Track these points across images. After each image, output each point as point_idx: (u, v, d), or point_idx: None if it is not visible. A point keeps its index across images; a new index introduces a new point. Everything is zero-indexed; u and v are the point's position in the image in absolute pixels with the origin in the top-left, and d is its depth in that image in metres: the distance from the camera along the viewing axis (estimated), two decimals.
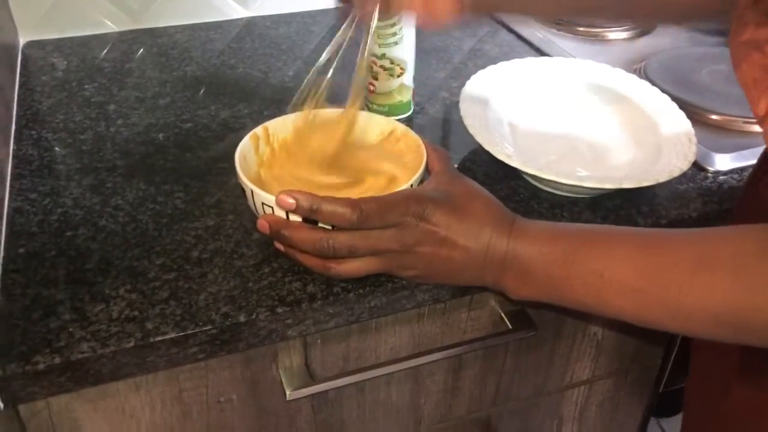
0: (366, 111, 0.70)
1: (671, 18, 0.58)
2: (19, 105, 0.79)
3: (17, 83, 0.83)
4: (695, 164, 0.70)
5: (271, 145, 0.62)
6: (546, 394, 0.77)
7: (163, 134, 0.74)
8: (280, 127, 0.63)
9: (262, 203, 0.53)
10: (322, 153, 0.64)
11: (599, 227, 0.51)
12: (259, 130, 0.61)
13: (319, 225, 0.51)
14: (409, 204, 0.50)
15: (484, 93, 0.73)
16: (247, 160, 0.58)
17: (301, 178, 0.62)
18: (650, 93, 0.74)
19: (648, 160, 0.67)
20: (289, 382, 0.59)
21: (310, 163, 0.64)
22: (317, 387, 0.59)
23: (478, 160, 0.70)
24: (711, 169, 0.71)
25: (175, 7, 0.98)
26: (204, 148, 0.72)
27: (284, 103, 0.80)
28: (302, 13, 1.03)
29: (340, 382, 0.60)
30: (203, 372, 0.57)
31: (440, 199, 0.52)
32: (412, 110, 0.78)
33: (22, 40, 0.93)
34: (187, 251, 0.58)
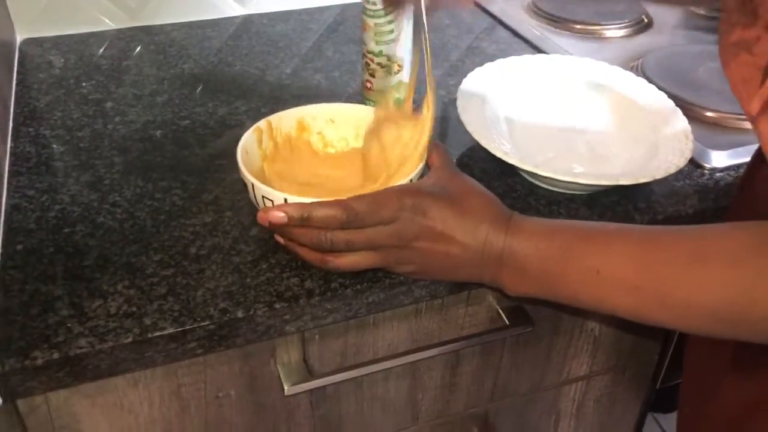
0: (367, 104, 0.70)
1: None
2: (17, 102, 0.79)
3: (14, 81, 0.83)
4: (692, 161, 0.70)
5: (274, 139, 0.62)
6: (543, 390, 0.78)
7: (160, 131, 0.74)
8: (285, 121, 0.63)
9: (263, 196, 0.53)
10: (328, 149, 0.64)
11: (596, 224, 0.51)
12: (262, 124, 0.61)
13: None
14: (404, 198, 0.50)
15: (482, 90, 0.74)
16: (249, 154, 0.58)
17: (304, 173, 0.62)
18: (647, 90, 0.74)
19: (645, 157, 0.67)
20: (288, 377, 0.59)
21: (312, 158, 0.64)
22: (315, 382, 0.59)
23: (475, 156, 0.71)
24: (708, 166, 0.71)
25: (172, 5, 0.98)
26: (201, 145, 0.72)
27: (282, 100, 0.81)
28: (299, 11, 1.03)
29: (338, 378, 0.60)
30: (201, 367, 0.57)
31: (438, 194, 0.52)
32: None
33: (19, 38, 0.93)
34: (185, 247, 0.58)
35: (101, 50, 0.91)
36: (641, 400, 0.86)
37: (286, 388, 0.58)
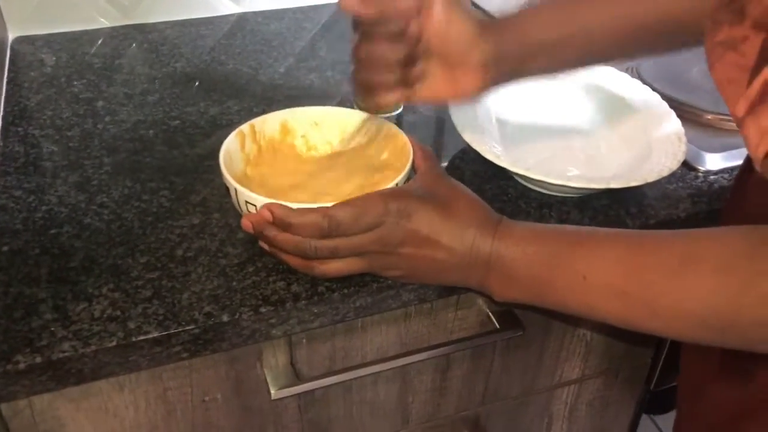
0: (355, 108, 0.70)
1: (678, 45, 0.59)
2: (7, 101, 0.78)
3: (5, 79, 0.83)
4: (686, 164, 0.70)
5: (258, 143, 0.62)
6: (535, 393, 0.77)
7: (151, 131, 0.73)
8: (268, 124, 0.62)
9: (246, 201, 0.52)
10: (312, 153, 0.63)
11: (585, 229, 0.51)
12: (245, 128, 0.60)
13: None
14: (389, 203, 0.49)
15: None
16: (232, 158, 0.58)
17: (288, 176, 0.61)
18: (641, 91, 0.74)
19: (637, 160, 0.66)
20: (275, 381, 0.59)
21: (297, 162, 0.63)
22: (302, 387, 0.59)
23: (467, 158, 0.70)
24: (702, 168, 0.70)
25: (166, 3, 0.97)
26: (191, 145, 0.71)
27: (274, 100, 0.80)
28: (294, 9, 1.03)
29: (326, 382, 0.60)
30: (187, 371, 0.57)
31: (424, 198, 0.51)
32: (401, 108, 0.77)
33: (11, 36, 0.92)
34: (171, 250, 0.58)
35: (94, 49, 0.91)
36: (635, 403, 0.86)
37: (272, 392, 0.58)
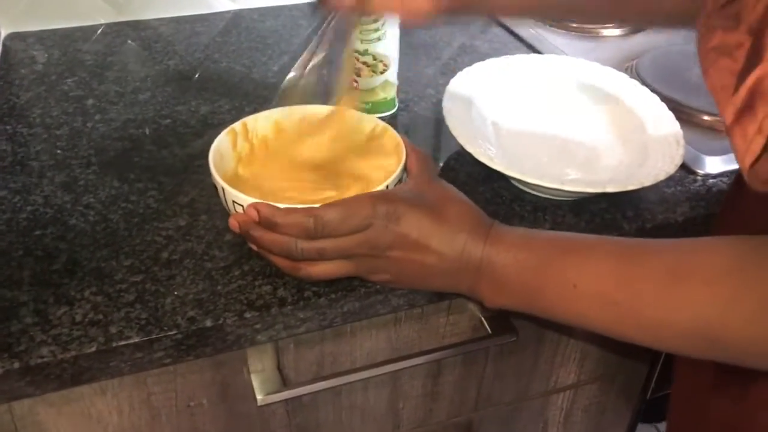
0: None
1: (659, 22, 0.57)
2: None
3: None
4: (685, 167, 0.68)
5: (250, 141, 0.60)
6: (529, 399, 0.76)
7: (140, 130, 0.72)
8: (261, 122, 0.61)
9: (233, 201, 0.51)
10: (306, 152, 0.62)
11: (577, 236, 0.49)
12: (237, 126, 0.59)
13: None
14: (378, 205, 0.48)
15: (470, 91, 0.71)
16: (223, 157, 0.57)
17: (280, 176, 0.60)
18: (640, 93, 0.72)
19: (635, 163, 0.65)
20: (261, 386, 0.57)
21: (290, 160, 0.62)
22: (289, 392, 0.58)
23: (462, 160, 0.69)
24: (701, 172, 0.69)
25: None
26: (181, 144, 0.70)
27: (267, 99, 0.79)
28: (290, 6, 1.01)
29: (314, 388, 0.59)
30: (172, 376, 0.56)
31: (414, 201, 0.50)
32: (396, 108, 0.76)
33: (3, 32, 0.91)
34: (156, 252, 0.56)
35: (86, 45, 0.89)
36: (631, 410, 0.84)
37: (259, 398, 0.57)
